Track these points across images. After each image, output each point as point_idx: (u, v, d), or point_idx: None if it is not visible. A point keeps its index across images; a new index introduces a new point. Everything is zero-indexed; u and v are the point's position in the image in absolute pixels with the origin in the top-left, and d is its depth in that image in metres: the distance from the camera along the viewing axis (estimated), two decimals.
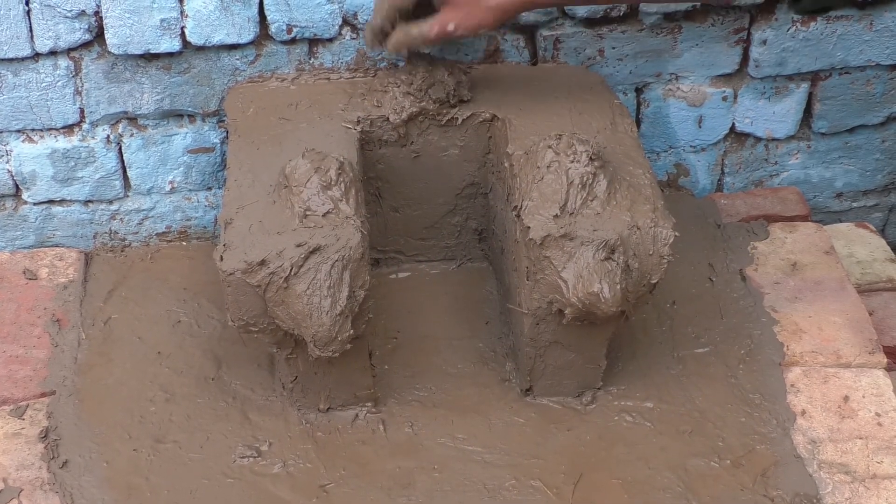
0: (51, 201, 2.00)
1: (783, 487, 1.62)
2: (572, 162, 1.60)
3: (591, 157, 1.60)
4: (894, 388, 1.75)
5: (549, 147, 1.62)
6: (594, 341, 1.69)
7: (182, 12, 1.81)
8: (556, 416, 1.74)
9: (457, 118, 1.82)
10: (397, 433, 1.71)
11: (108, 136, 1.93)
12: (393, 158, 1.85)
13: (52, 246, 2.03)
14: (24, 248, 2.03)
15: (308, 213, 1.59)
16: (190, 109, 1.92)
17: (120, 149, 1.95)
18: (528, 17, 1.89)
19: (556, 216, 1.58)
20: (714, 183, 2.19)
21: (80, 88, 1.87)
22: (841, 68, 2.06)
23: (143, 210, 2.03)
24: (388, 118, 1.81)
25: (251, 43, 1.86)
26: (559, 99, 1.85)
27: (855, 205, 2.28)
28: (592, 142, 1.63)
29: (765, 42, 1.99)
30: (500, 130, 1.80)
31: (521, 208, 1.62)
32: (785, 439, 1.69)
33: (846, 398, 1.73)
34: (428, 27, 1.66)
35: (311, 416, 1.72)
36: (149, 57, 1.85)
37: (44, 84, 1.85)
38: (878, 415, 1.71)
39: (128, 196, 2.02)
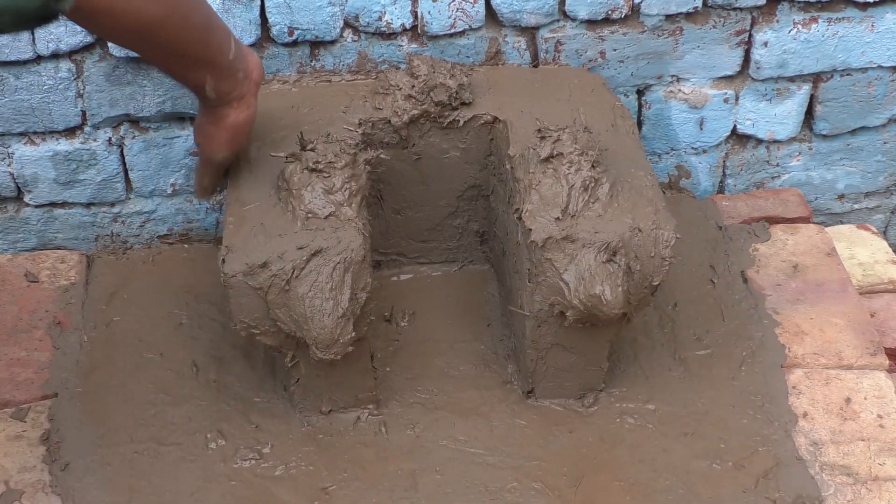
0: (52, 204, 2.00)
1: (785, 490, 1.62)
2: None
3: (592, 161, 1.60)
4: None
5: None
6: (596, 343, 1.69)
7: None
8: (558, 419, 1.74)
9: (458, 120, 1.82)
10: (399, 435, 1.71)
11: (110, 139, 1.93)
12: (394, 161, 1.85)
13: (53, 248, 2.03)
14: (26, 250, 2.03)
15: (310, 215, 1.59)
16: (191, 112, 1.92)
17: (122, 151, 1.95)
18: (528, 19, 1.89)
19: (557, 219, 1.58)
20: (715, 185, 2.19)
21: (81, 91, 1.87)
22: (842, 70, 2.06)
23: (145, 212, 2.03)
24: (389, 121, 1.81)
25: (252, 45, 1.86)
26: (560, 101, 1.85)
27: (856, 206, 2.28)
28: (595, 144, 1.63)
29: (766, 44, 1.99)
30: (502, 132, 1.79)
31: (522, 210, 1.62)
32: (787, 441, 1.68)
33: (848, 400, 1.73)
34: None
35: (313, 419, 1.72)
36: None
37: (45, 87, 1.85)
38: (879, 416, 1.71)
39: (129, 198, 2.02)
